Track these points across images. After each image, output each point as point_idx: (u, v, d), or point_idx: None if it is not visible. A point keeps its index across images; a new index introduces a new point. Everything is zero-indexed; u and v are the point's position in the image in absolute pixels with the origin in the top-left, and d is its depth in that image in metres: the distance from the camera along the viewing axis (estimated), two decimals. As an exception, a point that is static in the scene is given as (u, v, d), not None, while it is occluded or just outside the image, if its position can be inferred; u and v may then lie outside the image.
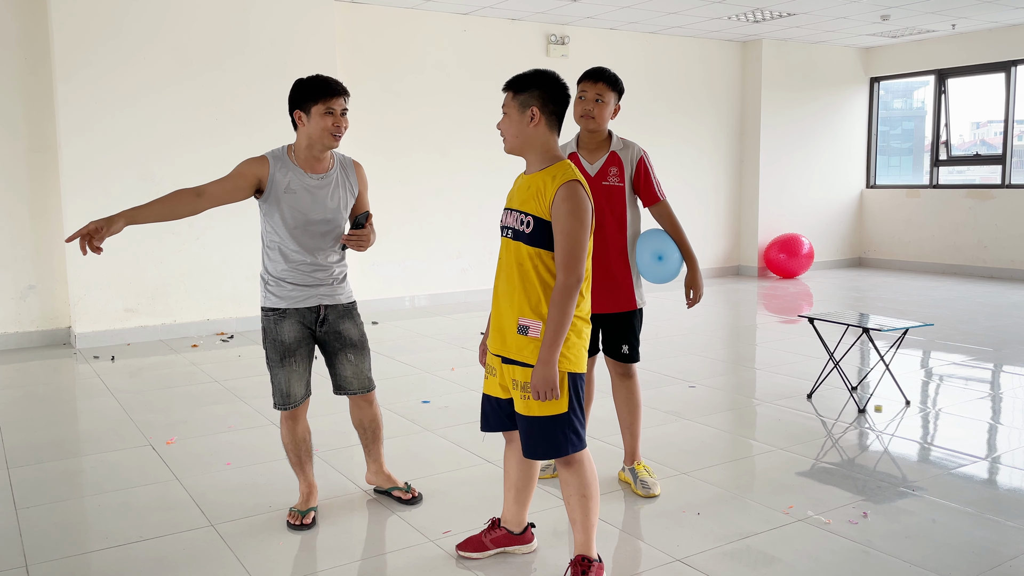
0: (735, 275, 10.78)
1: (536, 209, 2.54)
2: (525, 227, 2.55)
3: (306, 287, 3.09)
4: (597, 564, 2.66)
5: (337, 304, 3.16)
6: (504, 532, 2.92)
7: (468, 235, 8.65)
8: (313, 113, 3.00)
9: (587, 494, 2.62)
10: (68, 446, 4.25)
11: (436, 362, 5.93)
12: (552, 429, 2.55)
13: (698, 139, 10.36)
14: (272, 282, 3.12)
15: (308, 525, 3.14)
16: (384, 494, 3.43)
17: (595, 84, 3.33)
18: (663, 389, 5.11)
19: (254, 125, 7.14)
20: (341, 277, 3.20)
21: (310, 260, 3.08)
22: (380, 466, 3.42)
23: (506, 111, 2.64)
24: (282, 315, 3.09)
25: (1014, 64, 9.75)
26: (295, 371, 3.12)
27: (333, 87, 3.03)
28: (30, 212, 6.68)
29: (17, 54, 6.54)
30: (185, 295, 7.04)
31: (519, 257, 2.57)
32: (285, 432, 3.23)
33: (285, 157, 3.07)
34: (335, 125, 3.02)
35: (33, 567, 2.89)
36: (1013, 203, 9.87)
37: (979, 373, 5.53)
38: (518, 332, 2.56)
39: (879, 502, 3.36)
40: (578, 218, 2.49)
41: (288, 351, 3.10)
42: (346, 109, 3.07)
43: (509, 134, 2.63)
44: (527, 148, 2.61)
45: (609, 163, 3.36)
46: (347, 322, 3.19)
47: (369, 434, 3.37)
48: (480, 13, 8.46)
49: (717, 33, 9.83)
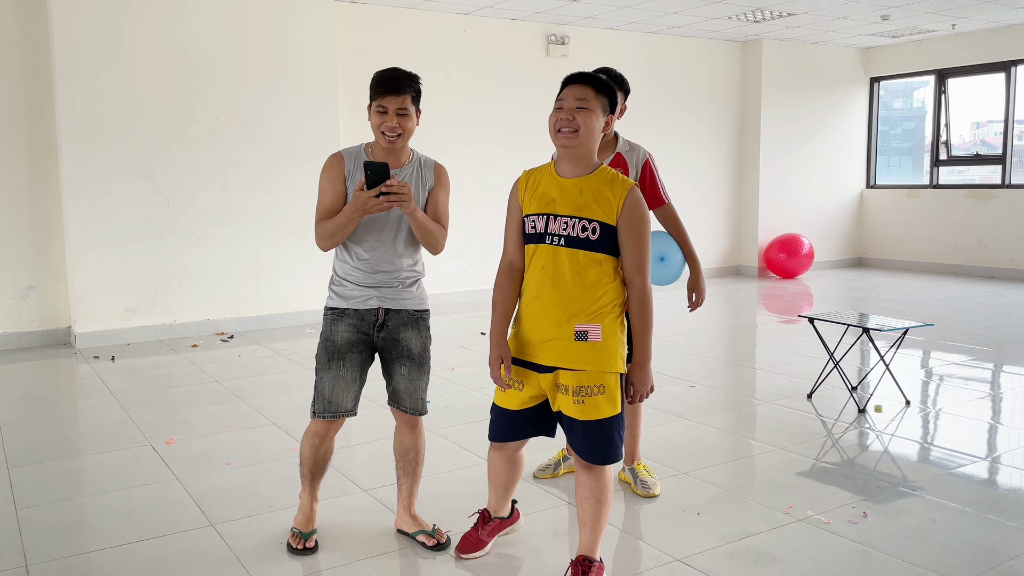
0: (735, 275, 10.78)
1: (601, 215, 2.49)
2: (591, 233, 2.49)
3: (367, 287, 2.88)
4: (598, 565, 2.66)
5: (401, 310, 2.91)
6: (496, 521, 2.96)
7: (468, 235, 8.64)
8: (371, 110, 2.82)
9: (603, 500, 2.61)
10: (68, 446, 4.25)
11: (436, 362, 5.87)
12: (610, 431, 2.55)
13: (698, 139, 10.36)
14: (337, 281, 2.94)
15: (311, 549, 2.94)
16: (408, 538, 3.07)
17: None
18: (663, 389, 5.11)
19: (254, 125, 7.14)
20: (409, 281, 2.93)
21: (373, 259, 2.87)
22: (409, 506, 3.09)
23: (589, 107, 2.50)
24: (340, 315, 2.90)
25: (1014, 64, 9.75)
26: (342, 377, 2.87)
27: (384, 85, 2.77)
28: (30, 212, 6.68)
29: (17, 54, 6.54)
30: (185, 295, 7.04)
31: (576, 264, 2.50)
32: (307, 447, 2.97)
33: (362, 152, 2.91)
34: (387, 125, 2.78)
35: (33, 567, 2.89)
36: (1013, 203, 9.87)
37: (979, 373, 5.53)
38: (575, 339, 2.50)
39: (879, 502, 3.36)
40: (648, 222, 2.55)
41: (337, 353, 2.87)
42: (405, 109, 2.78)
43: (591, 130, 2.51)
44: (594, 149, 2.57)
45: (615, 165, 3.36)
46: (409, 331, 2.91)
47: (406, 464, 3.06)
48: (480, 13, 8.45)
49: (717, 33, 9.83)
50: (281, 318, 7.40)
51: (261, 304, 7.37)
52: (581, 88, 2.52)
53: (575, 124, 2.49)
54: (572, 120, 2.50)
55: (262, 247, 7.32)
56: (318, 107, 7.37)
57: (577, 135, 2.49)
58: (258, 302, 7.35)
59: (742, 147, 10.74)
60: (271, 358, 6.16)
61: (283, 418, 4.58)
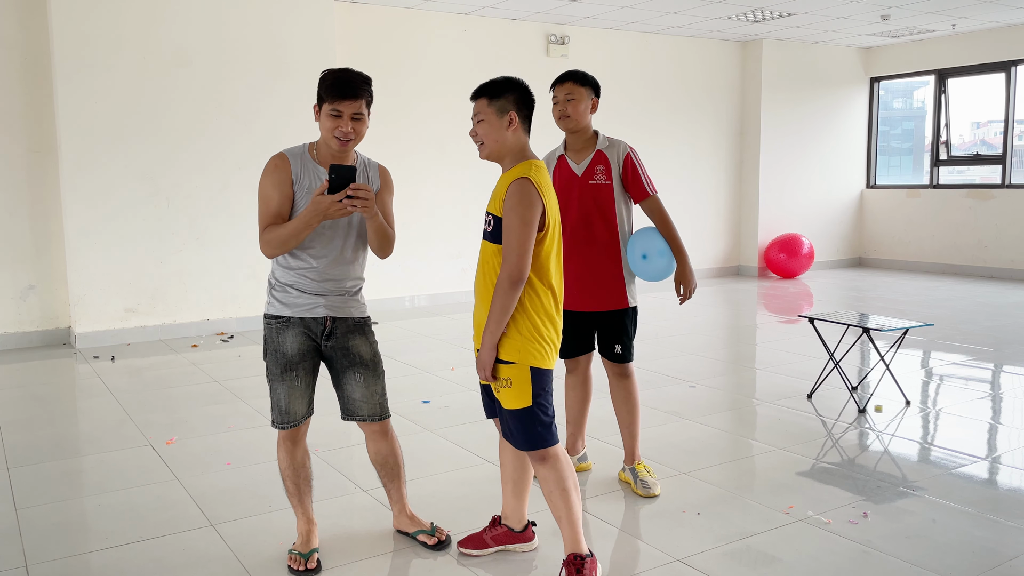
0: (735, 275, 10.78)
1: (494, 208, 2.60)
2: (488, 226, 2.61)
3: (313, 295, 2.79)
4: (590, 559, 2.67)
5: (347, 318, 2.85)
6: (505, 529, 2.93)
7: (468, 235, 8.64)
8: (323, 111, 2.72)
9: (566, 487, 2.63)
10: (68, 446, 4.25)
11: (436, 362, 5.93)
12: (523, 421, 2.60)
13: (698, 139, 10.36)
14: (278, 287, 2.83)
15: (313, 570, 2.81)
16: (409, 538, 3.06)
17: (562, 85, 3.41)
18: (663, 389, 5.11)
19: (254, 125, 7.14)
20: (354, 290, 2.88)
21: (321, 266, 2.78)
22: (403, 507, 3.08)
23: (482, 118, 2.63)
24: (285, 324, 2.80)
25: (1014, 64, 9.75)
26: (296, 387, 2.83)
27: (341, 89, 2.68)
28: (30, 212, 6.68)
29: (17, 54, 6.54)
30: (185, 295, 7.04)
31: (486, 255, 2.65)
32: (283, 456, 2.91)
33: (306, 154, 2.81)
34: (342, 131, 2.69)
35: (33, 567, 2.89)
36: (1013, 203, 9.87)
37: (979, 373, 5.53)
38: None
39: (879, 502, 3.36)
40: (517, 214, 2.50)
41: (289, 364, 2.81)
42: (360, 114, 2.71)
43: (489, 139, 2.63)
44: (504, 152, 2.64)
45: (595, 162, 3.37)
46: (357, 338, 2.87)
47: (388, 471, 3.03)
48: (480, 13, 8.46)
49: (717, 33, 9.83)
50: (281, 318, 7.39)
51: (261, 304, 7.35)
52: (476, 102, 2.65)
53: (477, 136, 2.66)
54: (475, 134, 2.66)
55: (262, 247, 7.31)
56: (318, 107, 7.36)
57: (484, 145, 2.65)
58: (258, 302, 7.34)
59: (742, 147, 10.73)
60: (271, 358, 6.16)
61: (283, 418, 4.58)
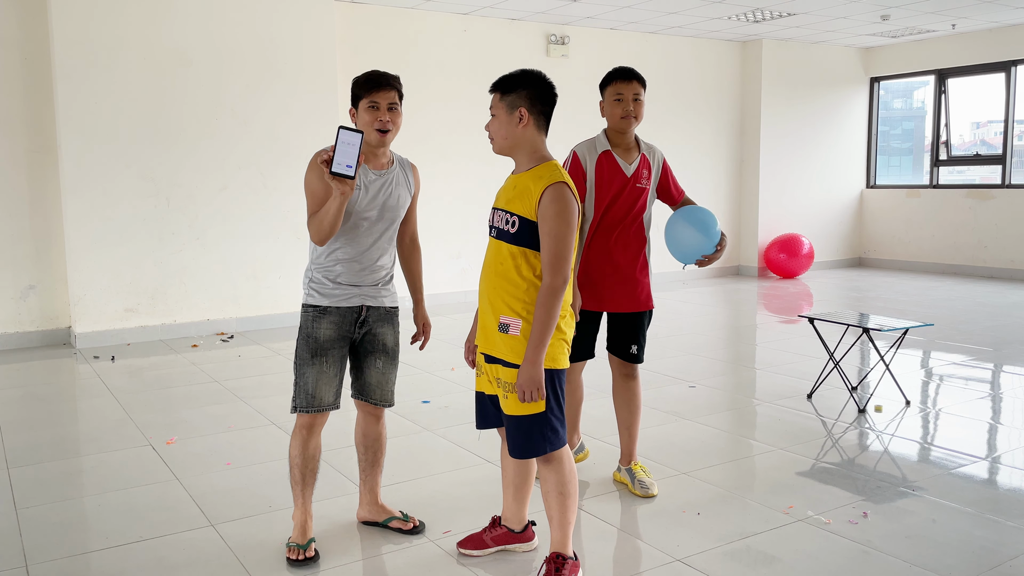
0: (735, 275, 10.78)
1: (521, 209, 2.56)
2: (510, 227, 2.57)
3: (349, 286, 2.92)
4: (572, 562, 2.67)
5: (380, 306, 3.00)
6: (505, 530, 2.93)
7: (468, 235, 8.64)
8: (360, 108, 2.86)
9: (565, 492, 2.63)
10: (68, 446, 4.25)
11: (436, 362, 5.93)
12: (530, 428, 2.57)
13: (698, 139, 10.36)
14: (317, 279, 2.94)
15: (311, 559, 2.88)
16: (380, 527, 3.16)
17: (628, 83, 3.29)
18: (663, 389, 5.11)
19: (254, 125, 7.15)
20: (388, 279, 3.04)
21: (359, 258, 2.92)
22: (375, 496, 3.18)
23: (494, 112, 2.64)
24: (322, 312, 2.91)
25: (1014, 64, 9.75)
26: (324, 372, 2.90)
27: (375, 79, 2.85)
28: (30, 212, 6.68)
29: (17, 54, 6.54)
30: (185, 295, 7.04)
31: (501, 256, 2.60)
32: (296, 444, 2.95)
33: None
34: (379, 120, 2.83)
35: (33, 567, 2.89)
36: (1013, 203, 9.87)
37: (979, 373, 5.53)
38: (499, 330, 2.58)
39: (879, 502, 3.36)
40: (565, 220, 2.50)
41: (320, 349, 2.89)
42: (395, 103, 2.88)
43: (498, 135, 2.63)
44: (516, 149, 2.63)
45: (642, 164, 3.39)
46: (386, 326, 3.03)
47: (371, 455, 3.15)
48: (480, 13, 8.46)
49: (717, 33, 9.83)
50: (281, 318, 7.39)
51: (261, 304, 7.37)
52: (492, 95, 2.65)
53: (490, 131, 2.67)
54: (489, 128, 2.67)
55: (262, 247, 7.32)
56: (318, 107, 7.36)
57: (494, 140, 2.66)
58: (258, 302, 7.35)
59: (742, 147, 10.74)
60: (271, 358, 6.16)
61: (283, 418, 4.58)
